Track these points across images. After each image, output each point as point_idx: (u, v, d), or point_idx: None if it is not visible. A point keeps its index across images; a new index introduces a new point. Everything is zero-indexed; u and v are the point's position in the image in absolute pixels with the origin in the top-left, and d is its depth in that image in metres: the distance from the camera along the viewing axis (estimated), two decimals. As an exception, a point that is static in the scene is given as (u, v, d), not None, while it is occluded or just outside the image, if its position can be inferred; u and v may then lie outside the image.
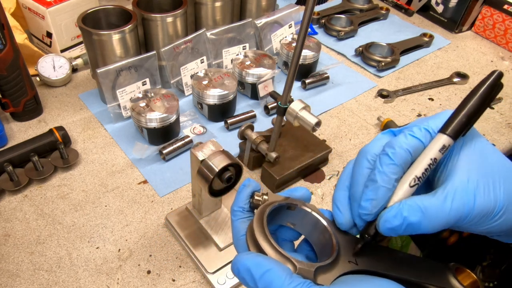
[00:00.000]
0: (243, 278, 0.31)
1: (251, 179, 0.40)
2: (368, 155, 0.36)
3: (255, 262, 0.31)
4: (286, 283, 0.30)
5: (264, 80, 0.89)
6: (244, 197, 0.39)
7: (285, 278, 0.30)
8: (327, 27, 1.17)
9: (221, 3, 0.92)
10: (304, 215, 0.38)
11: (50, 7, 0.89)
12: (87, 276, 0.61)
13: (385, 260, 0.37)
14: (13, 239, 0.65)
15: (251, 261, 0.31)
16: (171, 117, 0.78)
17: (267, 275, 0.30)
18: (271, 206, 0.37)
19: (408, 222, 0.32)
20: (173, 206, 0.71)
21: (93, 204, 0.70)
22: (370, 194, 0.33)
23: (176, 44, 0.85)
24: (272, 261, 0.31)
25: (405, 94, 0.98)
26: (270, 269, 0.30)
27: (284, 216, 0.39)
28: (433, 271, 0.38)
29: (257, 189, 0.39)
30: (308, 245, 0.40)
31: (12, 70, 0.76)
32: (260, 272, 0.30)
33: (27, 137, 0.79)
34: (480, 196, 0.32)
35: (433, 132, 0.35)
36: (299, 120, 0.67)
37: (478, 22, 1.20)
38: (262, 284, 0.30)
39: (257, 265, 0.31)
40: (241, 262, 0.31)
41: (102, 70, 0.78)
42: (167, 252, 0.64)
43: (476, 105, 0.34)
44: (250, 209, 0.39)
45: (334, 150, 0.83)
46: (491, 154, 0.35)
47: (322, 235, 0.37)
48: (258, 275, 0.30)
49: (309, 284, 0.31)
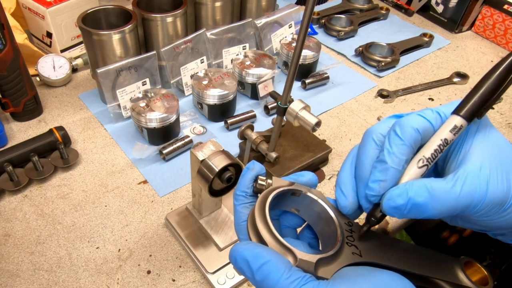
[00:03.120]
0: (241, 268, 0.31)
1: (255, 162, 0.37)
2: (375, 135, 0.34)
3: (253, 253, 0.30)
4: (284, 277, 0.29)
5: (264, 80, 0.89)
6: (247, 181, 0.36)
7: (284, 271, 0.29)
8: (327, 27, 1.17)
9: (221, 3, 0.92)
10: (309, 202, 0.37)
11: (50, 7, 0.89)
12: (87, 276, 0.61)
13: (390, 252, 0.35)
14: (13, 239, 0.65)
15: (249, 252, 0.30)
16: (171, 117, 0.78)
17: (265, 267, 0.29)
18: (275, 192, 0.35)
19: (414, 202, 0.30)
20: (173, 206, 0.71)
21: (93, 204, 0.70)
22: (379, 175, 0.32)
23: (176, 44, 0.85)
24: (271, 253, 0.30)
25: (405, 94, 0.98)
26: (268, 261, 0.29)
27: (289, 201, 0.38)
28: (440, 264, 0.37)
29: (262, 172, 0.37)
30: (311, 232, 0.39)
31: (12, 70, 0.76)
32: (258, 264, 0.30)
33: (27, 137, 0.79)
34: (493, 185, 0.31)
35: (444, 116, 0.33)
36: (299, 120, 0.67)
37: (478, 22, 1.20)
38: (259, 276, 0.30)
39: (255, 256, 0.30)
40: (239, 252, 0.31)
41: (102, 70, 0.78)
42: (167, 252, 0.64)
43: (492, 86, 0.32)
44: (254, 194, 0.37)
45: (334, 150, 0.82)
46: (505, 145, 0.34)
47: (326, 224, 0.36)
48: (256, 266, 0.30)
49: (308, 279, 0.30)
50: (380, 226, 0.69)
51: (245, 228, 0.35)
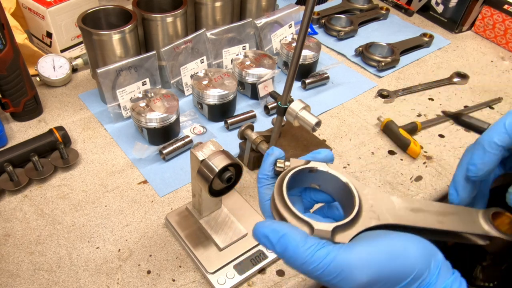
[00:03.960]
0: (264, 244, 0.35)
1: (274, 147, 0.42)
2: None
3: (271, 229, 0.34)
4: (300, 245, 0.32)
5: (264, 80, 0.89)
6: (267, 165, 0.41)
7: (300, 240, 0.33)
8: (327, 27, 1.17)
9: (221, 3, 0.92)
10: (327, 177, 0.39)
11: (50, 7, 0.89)
12: (87, 276, 0.61)
13: (408, 212, 0.37)
14: (13, 239, 0.65)
15: (268, 228, 0.34)
16: (171, 117, 0.78)
17: (283, 239, 0.33)
18: (292, 172, 0.38)
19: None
20: (173, 206, 0.71)
21: (93, 204, 0.70)
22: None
23: (176, 44, 0.85)
24: (287, 226, 0.34)
25: (405, 94, 0.98)
26: (285, 234, 0.33)
27: (307, 178, 0.41)
28: (465, 217, 0.38)
29: (281, 156, 0.41)
30: (337, 206, 0.42)
31: (12, 70, 0.77)
32: (277, 238, 0.33)
33: (27, 137, 0.79)
34: None
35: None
36: (299, 120, 0.67)
37: (478, 22, 1.20)
38: (279, 248, 0.33)
39: (273, 232, 0.34)
40: (259, 230, 0.35)
41: (102, 70, 0.78)
42: (167, 252, 0.64)
43: None
44: (275, 176, 0.41)
45: (334, 150, 0.82)
46: None
47: (345, 194, 0.38)
48: (275, 240, 0.33)
49: (323, 244, 0.33)
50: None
51: (268, 207, 0.39)
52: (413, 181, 0.77)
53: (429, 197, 0.75)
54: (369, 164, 0.80)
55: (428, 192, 0.76)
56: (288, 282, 0.61)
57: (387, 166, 0.80)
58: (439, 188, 0.76)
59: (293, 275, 0.62)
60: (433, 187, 0.76)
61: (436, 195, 0.76)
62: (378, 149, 0.83)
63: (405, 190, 0.76)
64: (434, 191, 0.76)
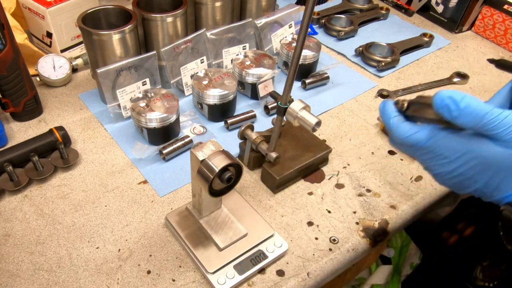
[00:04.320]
0: (447, 105, 0.42)
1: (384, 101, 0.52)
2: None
3: (453, 92, 0.42)
4: (481, 101, 0.41)
5: (264, 80, 0.89)
6: (391, 108, 0.51)
7: (479, 100, 0.41)
8: (327, 27, 1.17)
9: (221, 3, 0.92)
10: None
11: (50, 7, 0.89)
12: (87, 276, 0.61)
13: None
14: (13, 239, 0.65)
15: (451, 92, 0.43)
16: (171, 117, 0.78)
17: (466, 97, 0.41)
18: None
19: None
20: (173, 206, 0.71)
21: (93, 204, 0.70)
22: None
23: (176, 44, 0.85)
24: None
25: (405, 94, 0.98)
26: (466, 95, 0.42)
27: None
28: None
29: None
30: None
31: (12, 70, 0.77)
32: (461, 96, 0.42)
33: (27, 137, 0.79)
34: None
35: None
36: (299, 120, 0.67)
37: (478, 22, 1.20)
38: (463, 103, 0.41)
39: (455, 93, 0.42)
40: (442, 93, 0.43)
41: (102, 70, 0.78)
42: (167, 252, 0.64)
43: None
44: (399, 113, 0.51)
45: (334, 150, 0.82)
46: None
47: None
48: (460, 98, 0.42)
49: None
50: (380, 225, 0.69)
51: (395, 120, 0.50)
52: (413, 181, 0.77)
53: (429, 197, 0.75)
54: (369, 164, 0.80)
55: (428, 192, 0.76)
56: (288, 282, 0.61)
57: (387, 166, 0.80)
58: (439, 188, 0.76)
59: (293, 275, 0.62)
60: (433, 187, 0.76)
61: (436, 195, 0.76)
62: (378, 149, 0.84)
63: (405, 190, 0.76)
64: (434, 191, 0.76)
